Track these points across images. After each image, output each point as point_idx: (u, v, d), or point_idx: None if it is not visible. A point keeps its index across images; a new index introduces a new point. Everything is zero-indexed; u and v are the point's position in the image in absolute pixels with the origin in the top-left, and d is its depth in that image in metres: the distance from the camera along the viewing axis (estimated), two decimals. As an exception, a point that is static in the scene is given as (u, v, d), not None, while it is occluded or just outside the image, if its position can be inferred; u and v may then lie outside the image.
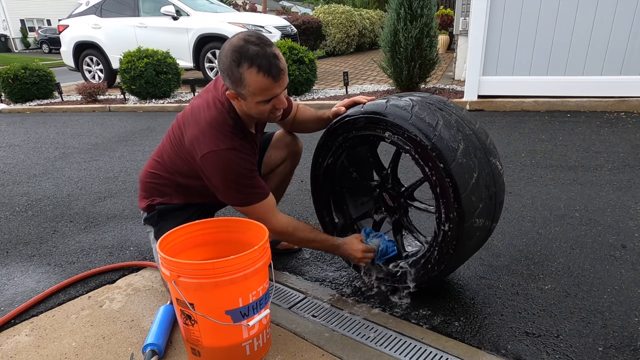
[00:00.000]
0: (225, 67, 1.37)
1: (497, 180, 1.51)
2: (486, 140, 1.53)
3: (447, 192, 1.38)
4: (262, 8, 19.40)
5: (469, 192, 1.38)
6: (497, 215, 1.57)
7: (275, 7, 30.19)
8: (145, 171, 1.79)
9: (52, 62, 16.93)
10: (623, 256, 1.96)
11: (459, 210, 1.38)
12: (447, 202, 1.40)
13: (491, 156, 1.50)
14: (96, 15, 8.45)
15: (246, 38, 1.34)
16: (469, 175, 1.38)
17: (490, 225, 1.55)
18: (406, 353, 1.43)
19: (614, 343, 1.45)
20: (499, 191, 1.52)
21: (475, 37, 4.94)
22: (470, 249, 1.55)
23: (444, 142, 1.38)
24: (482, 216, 1.44)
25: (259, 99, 1.41)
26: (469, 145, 1.43)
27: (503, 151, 3.55)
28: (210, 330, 1.31)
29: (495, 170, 1.50)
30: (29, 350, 1.51)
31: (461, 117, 1.52)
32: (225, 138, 1.46)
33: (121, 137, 5.02)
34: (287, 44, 6.27)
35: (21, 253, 2.32)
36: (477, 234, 1.48)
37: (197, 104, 1.58)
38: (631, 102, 4.62)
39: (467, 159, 1.40)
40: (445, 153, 1.36)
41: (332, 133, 1.68)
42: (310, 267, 2.03)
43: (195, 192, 1.71)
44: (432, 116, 1.43)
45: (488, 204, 1.46)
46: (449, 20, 11.20)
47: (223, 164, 1.46)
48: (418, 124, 1.41)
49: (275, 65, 1.35)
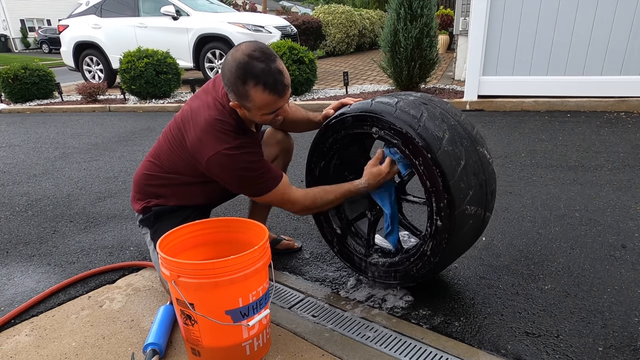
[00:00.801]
0: (230, 82, 1.39)
1: (487, 168, 1.52)
2: (472, 130, 1.55)
3: (435, 180, 1.41)
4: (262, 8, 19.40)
5: (457, 179, 1.40)
6: (490, 204, 1.58)
7: (275, 7, 30.20)
8: (140, 173, 1.77)
9: (52, 62, 16.93)
10: (623, 256, 1.96)
11: (449, 198, 1.40)
12: (437, 190, 1.42)
13: (478, 145, 1.52)
14: (96, 15, 8.45)
15: (250, 54, 1.35)
16: (456, 162, 1.41)
17: (484, 215, 1.55)
18: (406, 353, 1.43)
19: (614, 343, 1.45)
20: (489, 179, 1.54)
21: (475, 37, 4.94)
22: (465, 239, 1.55)
23: (429, 131, 1.41)
24: (473, 203, 1.46)
25: (264, 112, 1.45)
26: (454, 134, 1.46)
27: (503, 151, 3.55)
28: (210, 330, 1.31)
29: (483, 159, 1.52)
30: (29, 350, 1.51)
31: (446, 110, 1.55)
32: (229, 138, 1.47)
33: (121, 137, 5.02)
34: (287, 44, 6.26)
35: (21, 253, 2.32)
36: (470, 222, 1.49)
37: (196, 106, 1.58)
38: (631, 102, 4.62)
39: (453, 147, 1.43)
40: (431, 142, 1.39)
41: (322, 135, 1.73)
42: (310, 267, 2.03)
43: (193, 193, 1.71)
44: (416, 109, 1.47)
45: (479, 192, 1.48)
46: (449, 20, 11.20)
47: (231, 164, 1.47)
48: (403, 117, 1.45)
49: (280, 82, 1.38)
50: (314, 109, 1.95)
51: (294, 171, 3.28)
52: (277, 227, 2.43)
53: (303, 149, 2.19)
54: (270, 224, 2.39)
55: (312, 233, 2.36)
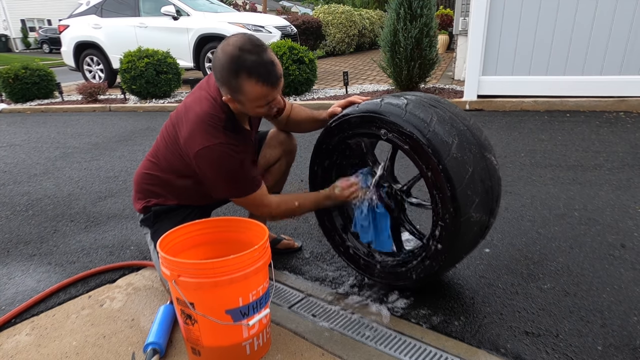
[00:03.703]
0: (222, 76, 1.38)
1: (493, 175, 1.52)
2: (481, 135, 1.54)
3: (443, 186, 1.40)
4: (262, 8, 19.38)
5: (464, 187, 1.39)
6: (495, 210, 1.58)
7: (275, 7, 30.18)
8: (140, 172, 1.77)
9: (52, 62, 16.93)
10: (622, 255, 1.96)
11: (455, 205, 1.39)
12: (443, 196, 1.41)
13: (486, 151, 1.51)
14: (96, 15, 8.45)
15: (241, 46, 1.34)
16: (464, 169, 1.40)
17: (488, 221, 1.55)
18: (406, 352, 1.43)
19: (613, 342, 1.45)
20: (495, 186, 1.53)
21: (475, 36, 4.94)
22: (468, 244, 1.55)
23: (438, 137, 1.40)
24: (478, 211, 1.45)
25: (257, 104, 1.44)
26: (463, 140, 1.44)
27: (503, 151, 3.55)
28: (210, 329, 1.32)
29: (490, 165, 1.51)
30: (30, 349, 1.52)
31: (455, 114, 1.53)
32: (217, 133, 1.47)
33: (122, 137, 5.02)
34: (287, 43, 6.26)
35: (22, 252, 2.33)
36: (475, 229, 1.49)
37: (189, 102, 1.58)
38: (630, 101, 4.62)
39: (462, 153, 1.41)
40: (440, 148, 1.38)
41: (328, 133, 1.70)
42: (310, 267, 2.03)
43: (191, 192, 1.70)
44: (426, 113, 1.45)
45: (484, 199, 1.47)
46: (448, 20, 11.20)
47: (215, 159, 1.46)
48: (412, 121, 1.43)
49: (273, 73, 1.37)
50: (314, 109, 1.95)
51: (294, 170, 3.28)
52: (277, 227, 2.43)
53: (304, 149, 2.19)
54: (270, 224, 2.40)
55: (312, 233, 2.36)
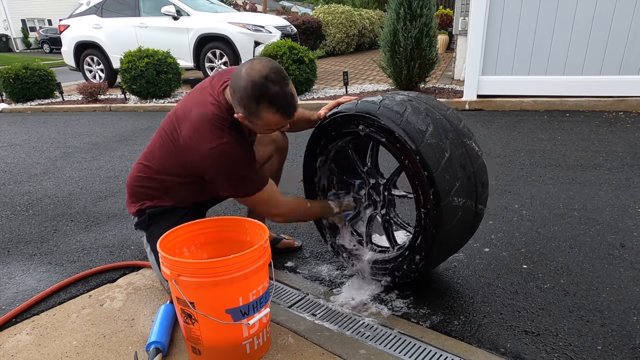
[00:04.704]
0: (242, 99, 1.40)
1: (475, 160, 1.54)
2: (459, 124, 1.57)
3: (420, 173, 1.44)
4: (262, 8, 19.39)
5: (441, 170, 1.42)
6: (482, 196, 1.59)
7: (275, 7, 30.19)
8: (133, 176, 1.75)
9: (53, 62, 16.93)
10: (622, 255, 1.97)
11: (434, 190, 1.43)
12: (422, 183, 1.45)
13: (465, 138, 1.54)
14: (97, 15, 8.45)
15: (267, 75, 1.37)
16: (440, 154, 1.44)
17: (476, 208, 1.56)
18: (406, 352, 1.44)
19: (612, 342, 1.45)
20: (479, 171, 1.55)
21: (475, 36, 4.95)
22: (456, 232, 1.55)
23: (411, 125, 1.45)
24: (460, 195, 1.47)
25: (270, 128, 1.51)
26: (438, 127, 1.49)
27: (502, 151, 3.55)
28: (210, 329, 1.32)
29: (471, 151, 1.53)
30: (30, 349, 1.52)
31: (432, 105, 1.58)
32: (223, 133, 1.48)
33: (122, 137, 5.03)
34: (287, 43, 6.26)
35: (22, 252, 2.33)
36: (459, 214, 1.50)
37: (190, 103, 1.58)
38: (630, 101, 4.62)
39: (437, 139, 1.46)
40: (414, 135, 1.43)
41: (317, 135, 1.79)
42: (310, 266, 2.04)
43: (185, 192, 1.69)
44: (400, 106, 1.51)
45: (467, 184, 1.49)
46: (448, 20, 11.21)
47: (224, 158, 1.48)
48: (386, 113, 1.49)
49: (292, 106, 1.44)
50: (314, 109, 1.96)
51: (294, 170, 3.28)
52: (277, 226, 2.44)
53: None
54: (270, 223, 2.40)
55: (312, 232, 2.37)
